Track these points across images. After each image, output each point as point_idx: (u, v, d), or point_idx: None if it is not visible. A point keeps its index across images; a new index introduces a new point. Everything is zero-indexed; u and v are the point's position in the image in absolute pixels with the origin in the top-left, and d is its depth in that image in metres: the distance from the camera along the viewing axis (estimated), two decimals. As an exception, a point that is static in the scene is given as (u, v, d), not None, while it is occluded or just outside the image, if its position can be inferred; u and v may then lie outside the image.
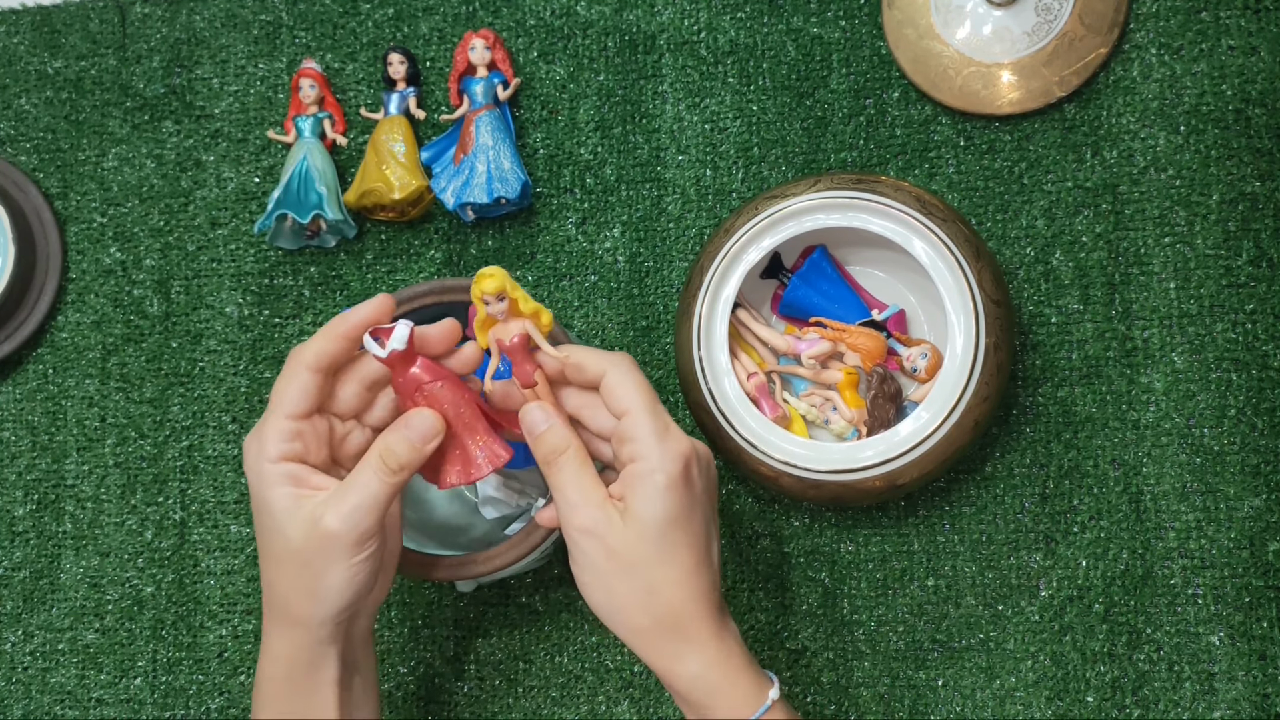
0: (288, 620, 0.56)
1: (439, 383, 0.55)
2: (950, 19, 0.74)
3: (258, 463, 0.55)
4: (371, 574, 0.55)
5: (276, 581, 0.55)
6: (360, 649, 0.59)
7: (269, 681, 0.57)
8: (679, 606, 0.54)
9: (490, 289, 0.55)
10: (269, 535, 0.55)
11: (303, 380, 0.55)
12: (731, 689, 0.54)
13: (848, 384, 0.69)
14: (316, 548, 0.53)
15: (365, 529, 0.53)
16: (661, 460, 0.54)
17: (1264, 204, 0.70)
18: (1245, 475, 0.68)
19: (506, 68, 0.78)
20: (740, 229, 0.68)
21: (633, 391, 0.55)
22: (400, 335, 0.53)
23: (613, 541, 0.54)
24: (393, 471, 0.54)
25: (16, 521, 0.82)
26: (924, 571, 0.71)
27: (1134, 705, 0.68)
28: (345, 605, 0.55)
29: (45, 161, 0.85)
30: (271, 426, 0.55)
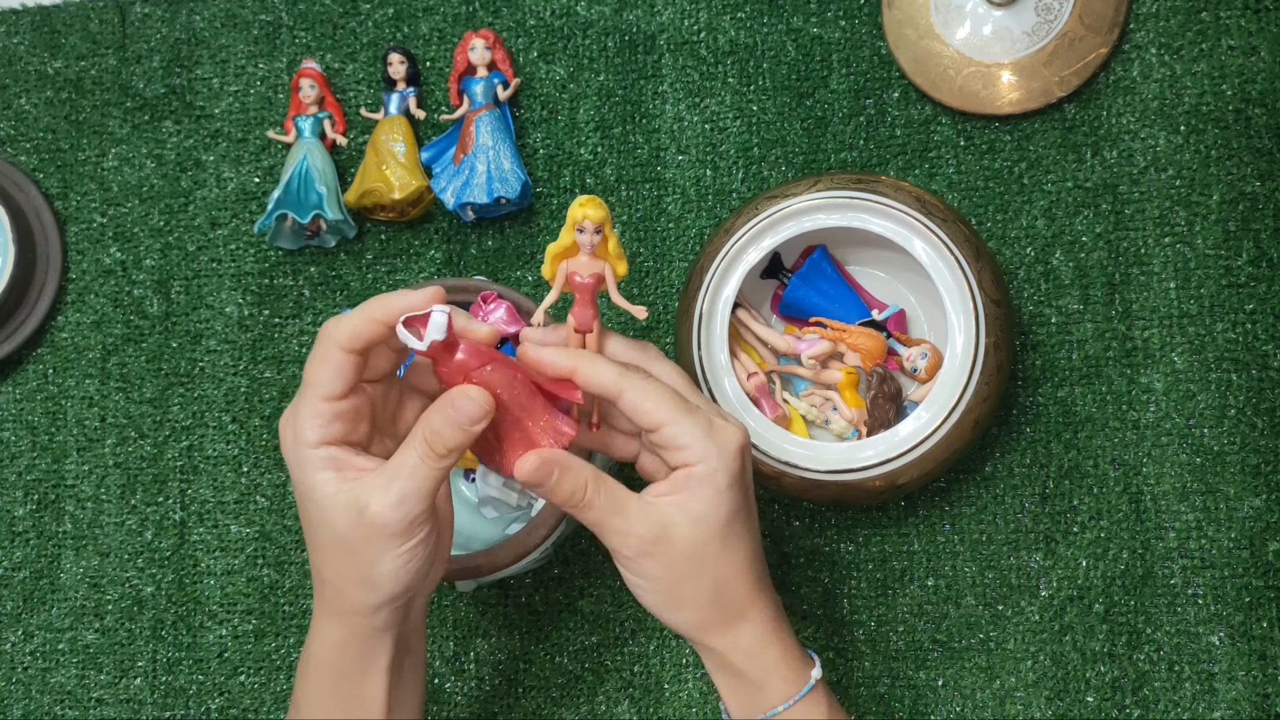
0: (340, 608, 0.54)
1: (488, 366, 0.51)
2: (950, 19, 0.74)
3: (296, 449, 0.52)
4: (426, 559, 0.53)
5: (325, 570, 0.53)
6: (414, 631, 0.57)
7: (319, 665, 0.55)
8: (742, 594, 0.54)
9: (595, 216, 0.51)
10: (314, 524, 0.53)
11: (337, 362, 0.52)
12: (786, 666, 0.55)
13: (848, 384, 0.69)
14: (364, 536, 0.51)
15: (415, 516, 0.51)
16: (721, 459, 0.52)
17: (1264, 204, 0.70)
18: (1245, 475, 0.68)
19: (506, 68, 0.78)
20: (740, 229, 0.68)
21: (659, 401, 0.53)
22: (438, 324, 0.50)
23: (675, 552, 0.52)
24: (440, 456, 0.51)
25: (16, 521, 0.82)
26: (924, 571, 0.71)
27: (1134, 705, 0.68)
28: (401, 591, 0.53)
29: (45, 161, 0.85)
30: (307, 410, 0.52)
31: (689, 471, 0.53)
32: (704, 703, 0.72)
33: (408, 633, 0.56)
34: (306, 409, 0.52)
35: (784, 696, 0.54)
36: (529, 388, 0.53)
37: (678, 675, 0.72)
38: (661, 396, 0.53)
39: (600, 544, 0.74)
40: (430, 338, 0.50)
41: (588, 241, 0.52)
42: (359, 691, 0.55)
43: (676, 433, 0.52)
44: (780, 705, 0.54)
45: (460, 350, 0.51)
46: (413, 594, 0.54)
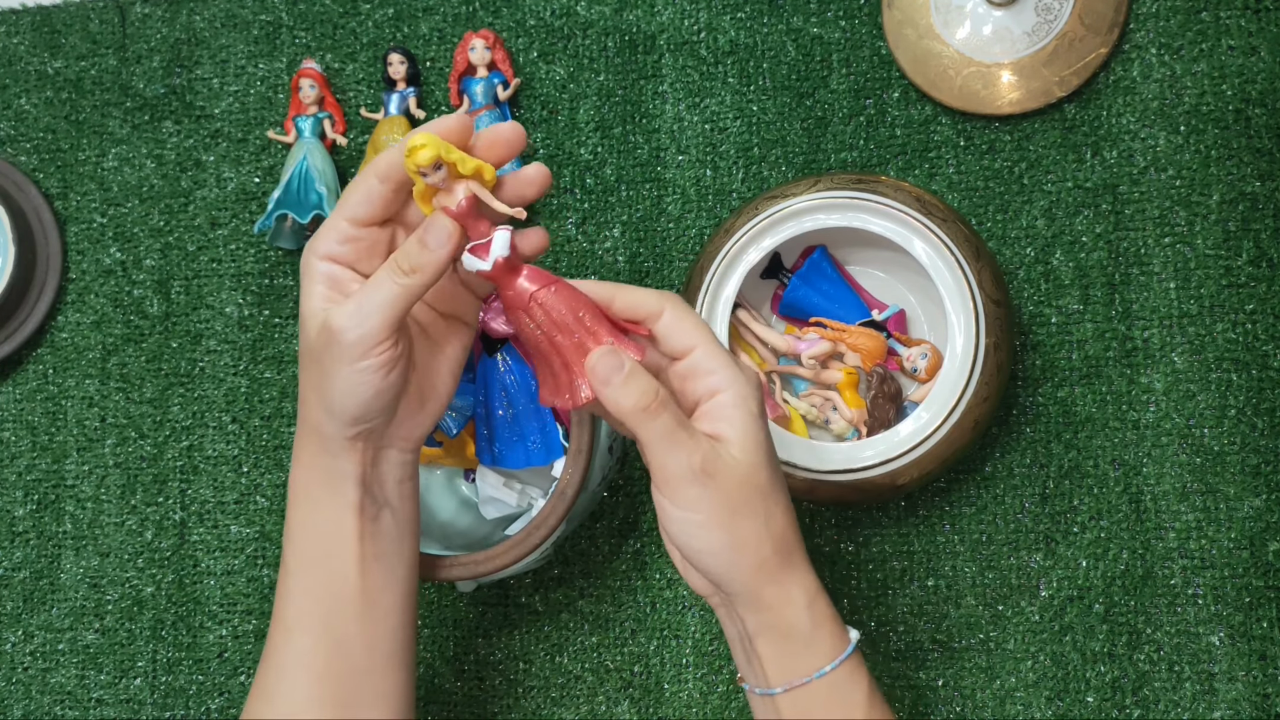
0: (307, 425, 0.54)
1: (551, 288, 0.51)
2: (950, 19, 0.74)
3: (306, 258, 0.53)
4: (381, 392, 0.52)
5: (301, 381, 0.54)
6: (392, 488, 0.56)
7: (295, 488, 0.56)
8: (789, 533, 0.53)
9: (425, 160, 0.49)
10: (301, 334, 0.54)
11: (369, 186, 0.52)
12: (833, 622, 0.53)
13: (848, 384, 0.69)
14: (324, 345, 0.51)
15: (369, 329, 0.51)
16: (748, 388, 0.52)
17: (1264, 204, 0.70)
18: (1245, 475, 0.68)
19: (506, 68, 0.78)
20: (740, 229, 0.68)
21: (697, 326, 0.53)
22: (501, 241, 0.50)
23: (729, 479, 0.51)
24: (404, 273, 0.51)
25: (16, 521, 0.82)
26: (924, 571, 0.71)
27: (1134, 705, 0.68)
28: (350, 415, 0.52)
29: (45, 161, 0.85)
30: (329, 224, 0.53)
31: (719, 399, 0.52)
32: (704, 703, 0.72)
33: (380, 481, 0.56)
34: (328, 223, 0.53)
35: (829, 655, 0.53)
36: (595, 312, 0.52)
37: (678, 675, 0.72)
38: (698, 322, 0.53)
39: (600, 544, 0.74)
40: (495, 255, 0.50)
41: (439, 178, 0.51)
42: (331, 528, 0.55)
43: (707, 355, 0.52)
44: (826, 665, 0.53)
45: (524, 272, 0.51)
46: (371, 431, 0.54)
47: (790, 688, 0.53)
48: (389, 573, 0.56)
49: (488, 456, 0.69)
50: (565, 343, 0.51)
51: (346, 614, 0.55)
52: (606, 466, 0.69)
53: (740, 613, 0.53)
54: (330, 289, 0.52)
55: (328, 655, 0.55)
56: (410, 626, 0.58)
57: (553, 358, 0.52)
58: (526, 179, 0.53)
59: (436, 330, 0.57)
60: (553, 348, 0.52)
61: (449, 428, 0.69)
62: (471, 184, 0.51)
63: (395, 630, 0.57)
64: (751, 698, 0.56)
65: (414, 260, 0.51)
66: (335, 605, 0.55)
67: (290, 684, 0.55)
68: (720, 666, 0.72)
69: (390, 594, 0.56)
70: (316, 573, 0.55)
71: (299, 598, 0.55)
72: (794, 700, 0.53)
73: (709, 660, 0.72)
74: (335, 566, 0.55)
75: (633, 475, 0.75)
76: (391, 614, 0.56)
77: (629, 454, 0.75)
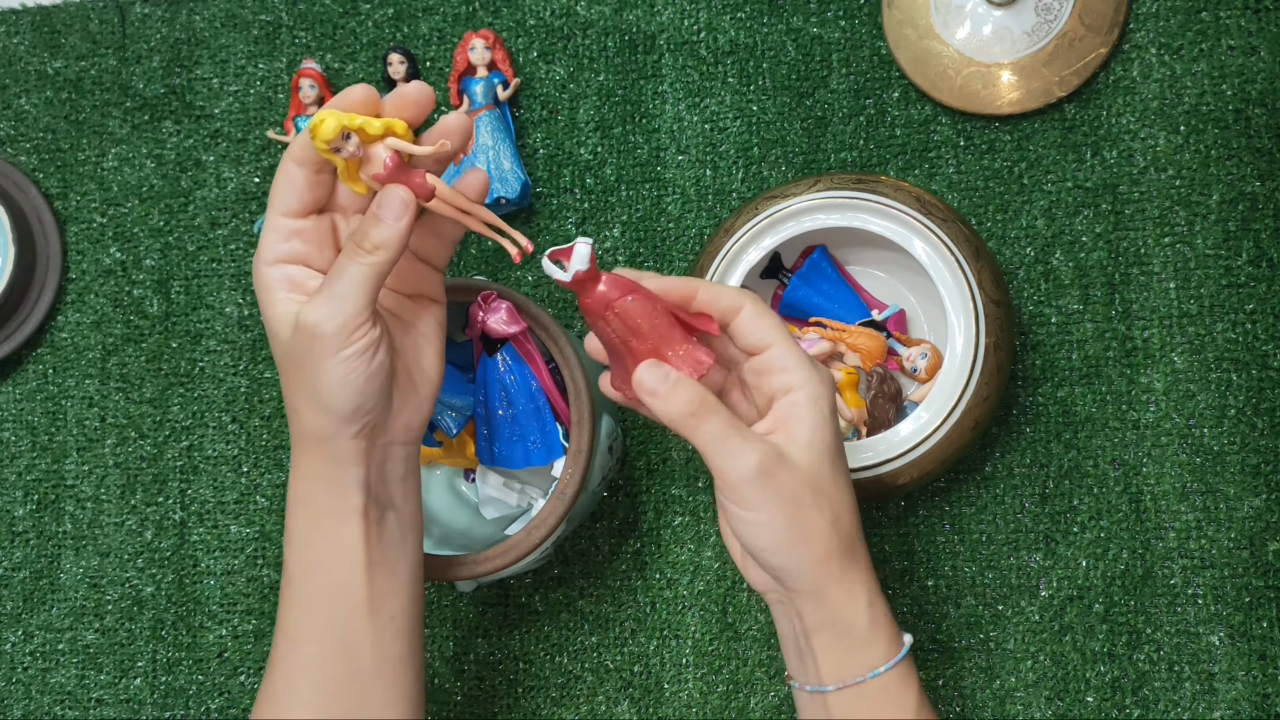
0: (305, 435, 0.53)
1: (629, 297, 0.52)
2: (950, 19, 0.74)
3: (256, 269, 0.52)
4: (372, 376, 0.51)
5: (286, 395, 0.53)
6: (395, 487, 0.56)
7: (295, 501, 0.55)
8: (854, 532, 0.53)
9: (331, 133, 0.49)
10: (273, 346, 0.52)
11: (289, 174, 0.51)
12: (889, 623, 0.54)
13: (848, 384, 0.69)
14: (303, 346, 0.50)
15: (346, 316, 0.50)
16: (822, 387, 0.53)
17: (1264, 204, 0.70)
18: (1245, 475, 0.68)
19: (506, 68, 0.78)
20: (740, 229, 0.68)
21: (774, 324, 0.53)
22: (582, 254, 0.51)
23: (791, 479, 0.51)
24: (367, 251, 0.50)
25: (16, 521, 0.82)
26: (924, 571, 0.71)
27: (1134, 705, 0.68)
28: (350, 409, 0.51)
29: (45, 161, 0.85)
30: (265, 230, 0.52)
31: (793, 398, 0.52)
32: (704, 703, 0.72)
33: (384, 481, 0.55)
34: (265, 229, 0.52)
35: (885, 656, 0.53)
36: (669, 318, 0.53)
37: (678, 675, 0.72)
38: (775, 320, 0.54)
39: (600, 544, 0.74)
40: (574, 268, 0.51)
41: (354, 148, 0.50)
42: (334, 534, 0.54)
43: (784, 353, 0.53)
44: (881, 665, 0.53)
45: (602, 281, 0.52)
46: (372, 427, 0.53)
47: (843, 686, 0.53)
48: (394, 576, 0.56)
49: (488, 456, 0.69)
50: (639, 347, 0.53)
51: (353, 620, 0.55)
52: (606, 466, 0.69)
53: (800, 608, 0.54)
54: (291, 291, 0.52)
55: (335, 662, 0.55)
56: (417, 628, 0.57)
57: (626, 357, 0.54)
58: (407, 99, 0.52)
59: (406, 311, 0.56)
60: (627, 350, 0.54)
61: (449, 428, 0.69)
62: (389, 142, 0.51)
63: (402, 633, 0.56)
64: (799, 695, 0.56)
65: (375, 238, 0.50)
66: (341, 612, 0.55)
67: (297, 692, 0.55)
68: (720, 666, 0.72)
69: (396, 597, 0.56)
70: (321, 581, 0.55)
71: (303, 607, 0.55)
72: (845, 699, 0.53)
73: (709, 660, 0.72)
74: (340, 574, 0.55)
75: (633, 475, 0.75)
76: (398, 617, 0.56)
77: (629, 454, 0.75)
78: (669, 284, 0.54)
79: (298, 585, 0.55)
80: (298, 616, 0.55)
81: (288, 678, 0.55)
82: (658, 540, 0.74)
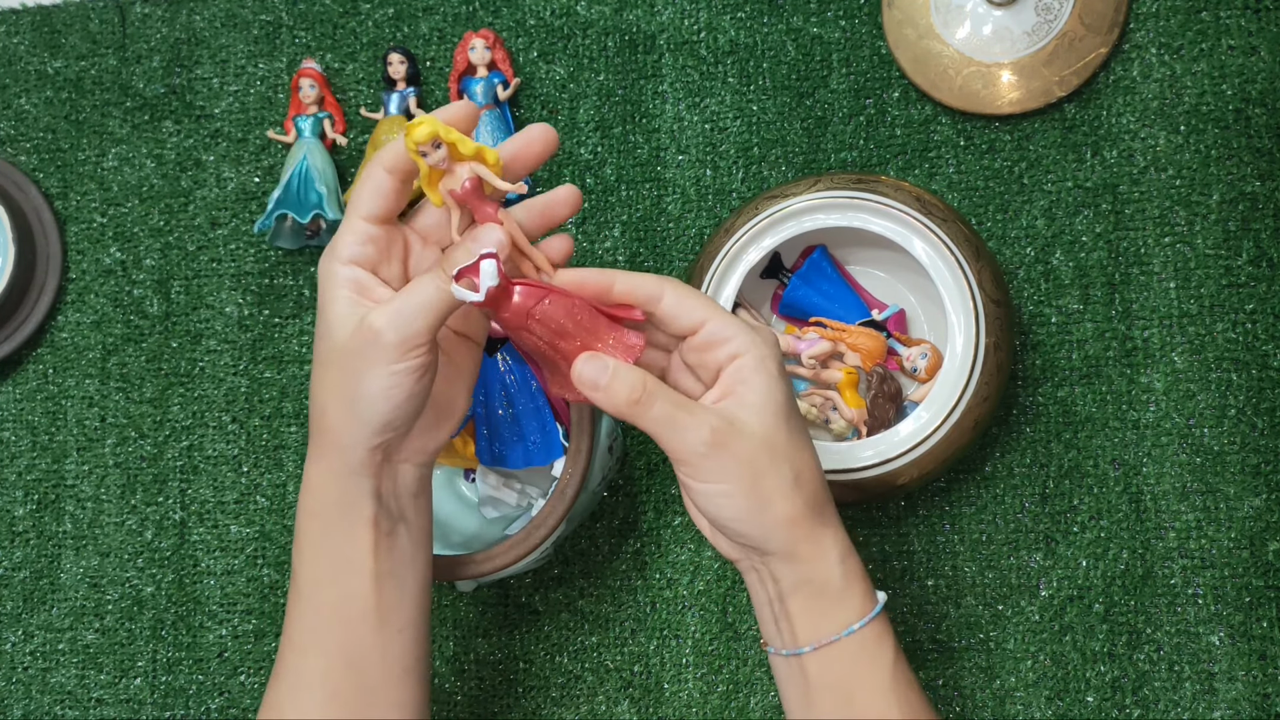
0: (324, 439, 0.53)
1: (546, 300, 0.52)
2: (950, 19, 0.74)
3: (328, 264, 0.52)
4: (414, 396, 0.52)
5: (318, 390, 0.53)
6: (407, 502, 0.56)
7: (306, 513, 0.55)
8: (819, 488, 0.53)
9: (423, 136, 0.50)
10: (321, 341, 0.53)
11: (378, 180, 0.52)
12: (863, 579, 0.54)
13: (848, 384, 0.69)
14: (359, 346, 0.51)
15: (412, 332, 0.50)
16: (767, 348, 0.53)
17: (1264, 204, 0.70)
18: (1245, 475, 0.68)
19: (506, 68, 0.78)
20: (740, 229, 0.68)
21: (701, 300, 0.53)
22: (489, 271, 0.50)
23: (748, 444, 0.51)
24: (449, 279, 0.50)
25: (16, 521, 0.82)
26: (924, 571, 0.71)
27: (1134, 705, 0.68)
28: (381, 421, 0.52)
29: (45, 161, 0.85)
30: (346, 228, 0.53)
31: (738, 364, 0.52)
32: (704, 703, 0.72)
33: (398, 499, 0.55)
34: (345, 228, 0.53)
35: (860, 613, 0.53)
36: (590, 311, 0.53)
37: (678, 675, 0.72)
38: (701, 297, 0.54)
39: (600, 544, 0.74)
40: (485, 285, 0.50)
41: (440, 158, 0.51)
42: (344, 546, 0.54)
43: (720, 326, 0.53)
44: (856, 622, 0.53)
45: (516, 292, 0.52)
46: (393, 442, 0.53)
47: (819, 646, 0.53)
48: (403, 588, 0.56)
49: (488, 456, 0.69)
50: (569, 347, 0.53)
51: (360, 632, 0.55)
52: (606, 466, 0.69)
53: (774, 571, 0.54)
54: (356, 293, 0.52)
55: (341, 674, 0.55)
56: (424, 639, 0.57)
57: (560, 364, 0.53)
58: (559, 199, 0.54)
59: (451, 346, 0.57)
60: (558, 354, 0.53)
61: (449, 428, 0.69)
62: (474, 165, 0.52)
63: (410, 644, 0.56)
64: (776, 662, 0.56)
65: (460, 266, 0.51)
66: (349, 624, 0.55)
67: (302, 703, 0.55)
68: (720, 666, 0.72)
69: (405, 609, 0.56)
70: (329, 591, 0.55)
71: (312, 618, 0.55)
72: (821, 659, 0.53)
73: (709, 660, 0.72)
74: (349, 585, 0.55)
75: (633, 475, 0.75)
76: (406, 629, 0.56)
77: (629, 454, 0.75)
78: (585, 276, 0.54)
79: (306, 596, 0.55)
80: (305, 627, 0.55)
81: (294, 689, 0.55)
82: (658, 540, 0.74)
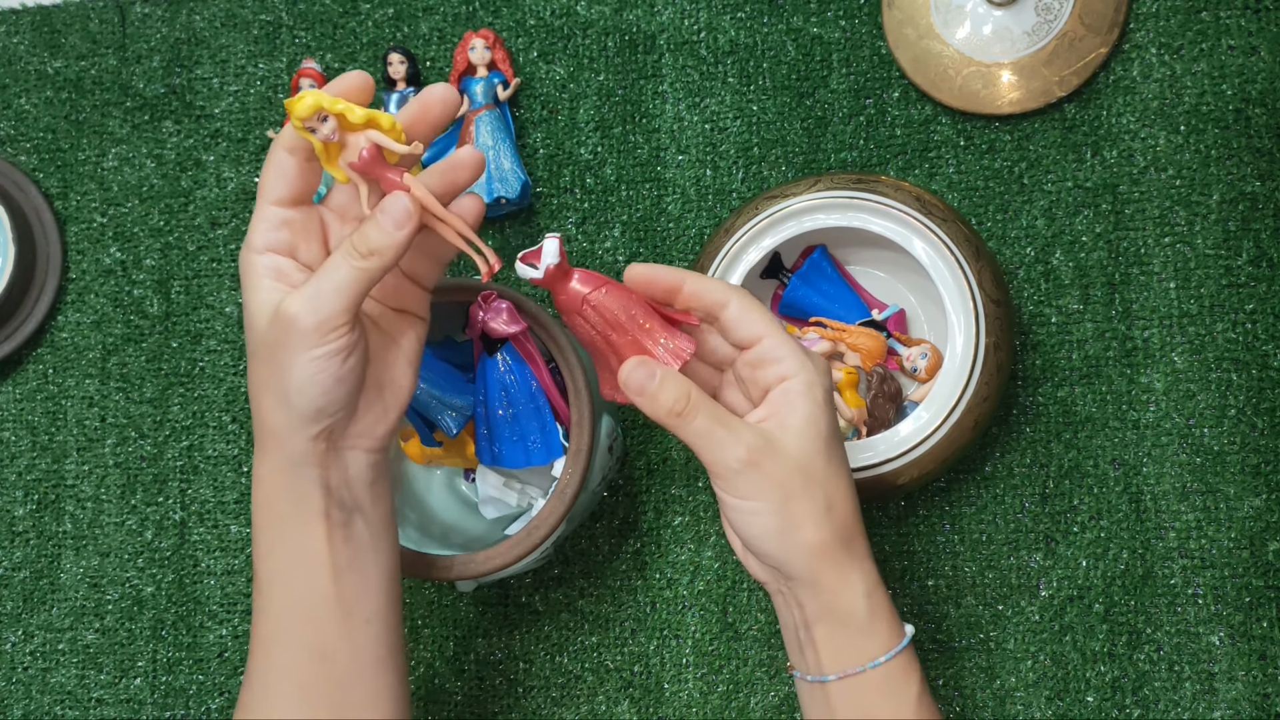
0: (264, 433, 0.52)
1: (603, 289, 0.52)
2: (950, 19, 0.74)
3: (245, 255, 0.51)
4: (341, 379, 0.51)
5: (251, 387, 0.52)
6: (361, 490, 0.55)
7: (258, 508, 0.54)
8: (851, 520, 0.53)
9: (305, 110, 0.48)
10: (248, 334, 0.52)
11: (280, 162, 0.51)
12: (890, 614, 0.54)
13: (848, 384, 0.69)
14: (279, 335, 0.50)
15: (327, 314, 0.49)
16: (816, 375, 0.53)
17: (1264, 204, 0.70)
18: (1245, 475, 0.68)
19: (506, 68, 0.78)
20: (740, 229, 0.68)
21: (764, 316, 0.53)
22: (551, 249, 0.51)
23: (784, 465, 0.51)
24: (362, 255, 0.50)
25: (16, 521, 0.82)
26: (924, 571, 0.71)
27: (1134, 705, 0.68)
28: (311, 408, 0.51)
29: (45, 161, 0.85)
30: (256, 216, 0.51)
31: (786, 387, 0.53)
32: (704, 703, 0.72)
33: (348, 484, 0.54)
34: (255, 216, 0.52)
35: (885, 646, 0.53)
36: (646, 309, 0.53)
37: (678, 675, 0.72)
38: (764, 312, 0.54)
39: (600, 544, 0.74)
40: (546, 263, 0.50)
41: (329, 131, 0.50)
42: (299, 539, 0.53)
43: (776, 344, 0.53)
44: (882, 655, 0.53)
45: (575, 277, 0.52)
46: (332, 430, 0.52)
47: (844, 676, 0.53)
48: (365, 578, 0.55)
49: (488, 456, 0.69)
50: (620, 340, 0.53)
51: (324, 625, 0.54)
52: (606, 466, 0.69)
53: (799, 597, 0.54)
54: (276, 280, 0.51)
55: (309, 668, 0.54)
56: (395, 629, 0.57)
57: (610, 356, 0.54)
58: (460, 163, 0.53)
59: (387, 322, 0.56)
60: (609, 346, 0.53)
61: (449, 428, 0.69)
62: (369, 134, 0.50)
63: (380, 635, 0.55)
64: (801, 686, 0.56)
65: (372, 243, 0.50)
66: (312, 617, 0.54)
67: (274, 698, 0.54)
68: (720, 666, 0.72)
69: (369, 600, 0.55)
70: (289, 587, 0.54)
71: (273, 614, 0.54)
72: (846, 689, 0.53)
73: (709, 660, 0.72)
74: (307, 578, 0.54)
75: (633, 475, 0.75)
76: (373, 620, 0.55)
77: (629, 454, 0.75)
78: (656, 272, 0.54)
79: (266, 591, 0.54)
80: (269, 623, 0.54)
81: (265, 684, 0.55)
82: (658, 540, 0.74)
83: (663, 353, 0.53)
